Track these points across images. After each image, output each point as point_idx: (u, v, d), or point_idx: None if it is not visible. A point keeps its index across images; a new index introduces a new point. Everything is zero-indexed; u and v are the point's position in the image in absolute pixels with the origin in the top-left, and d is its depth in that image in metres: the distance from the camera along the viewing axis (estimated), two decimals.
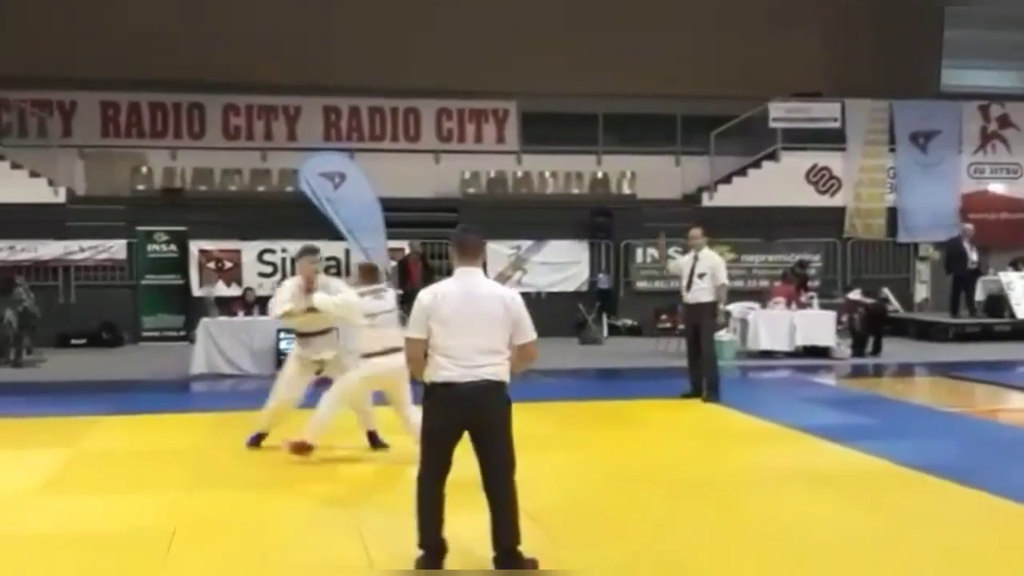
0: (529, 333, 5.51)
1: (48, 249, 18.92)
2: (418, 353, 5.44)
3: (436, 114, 22.03)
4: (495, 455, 5.36)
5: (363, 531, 6.37)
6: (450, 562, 5.50)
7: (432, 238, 19.38)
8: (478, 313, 5.39)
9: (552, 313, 20.06)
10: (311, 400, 8.72)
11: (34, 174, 19.53)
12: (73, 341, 18.10)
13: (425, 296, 5.53)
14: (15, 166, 19.49)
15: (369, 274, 8.61)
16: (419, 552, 5.48)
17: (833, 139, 22.05)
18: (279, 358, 14.27)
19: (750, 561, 5.83)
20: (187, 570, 5.74)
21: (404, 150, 21.55)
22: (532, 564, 5.45)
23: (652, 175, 21.92)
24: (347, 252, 19.28)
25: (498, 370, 5.37)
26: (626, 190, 22.08)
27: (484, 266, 5.80)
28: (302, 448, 8.26)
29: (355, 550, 6.04)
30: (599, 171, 22.22)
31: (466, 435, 5.43)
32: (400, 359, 6.34)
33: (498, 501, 5.38)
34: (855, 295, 17.62)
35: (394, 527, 6.35)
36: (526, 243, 20.52)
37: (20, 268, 18.19)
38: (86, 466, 8.40)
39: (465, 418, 5.32)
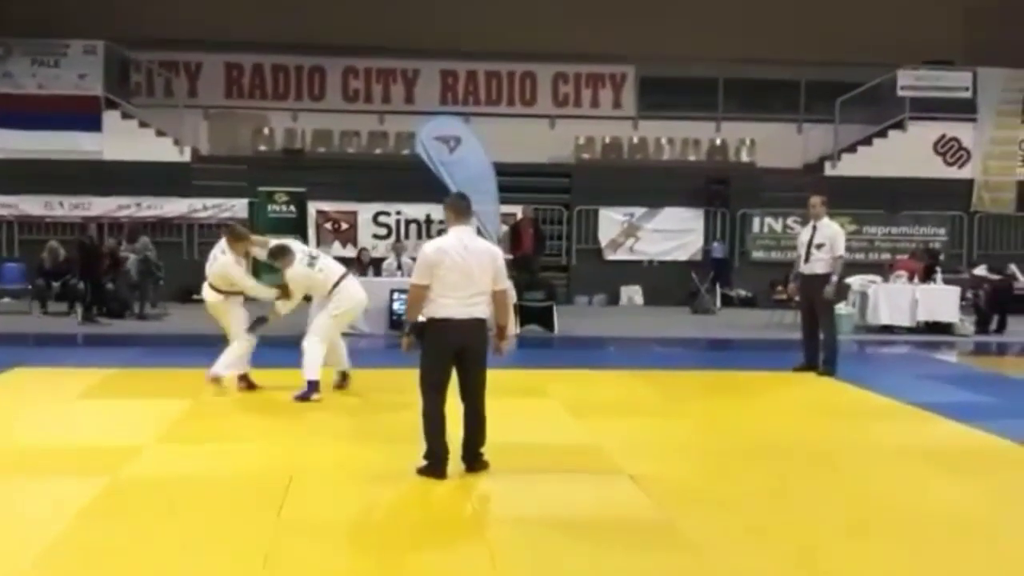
0: (504, 281, 6.84)
1: (173, 206, 19.53)
2: (420, 296, 6.57)
3: (552, 78, 21.94)
4: (476, 374, 6.66)
5: (470, 487, 6.45)
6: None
7: (545, 203, 19.35)
8: (473, 263, 6.56)
9: (664, 281, 20.03)
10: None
11: (160, 133, 20.13)
12: (195, 296, 18.36)
13: (429, 249, 6.63)
14: (143, 125, 20.12)
15: None
16: (423, 462, 6.55)
17: (963, 109, 21.27)
18: (392, 318, 14.48)
19: (864, 537, 5.70)
20: (304, 515, 5.86)
21: (519, 115, 21.52)
22: (486, 465, 6.72)
23: (772, 143, 21.48)
24: None
25: (483, 309, 6.65)
26: (745, 158, 21.68)
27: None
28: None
29: (464, 507, 6.14)
30: (717, 138, 21.85)
31: None
32: None
33: (473, 409, 6.68)
34: (980, 271, 17.07)
35: (502, 488, 6.41)
36: (640, 210, 20.36)
37: (145, 224, 18.84)
38: (206, 416, 8.66)
39: (459, 345, 6.56)
